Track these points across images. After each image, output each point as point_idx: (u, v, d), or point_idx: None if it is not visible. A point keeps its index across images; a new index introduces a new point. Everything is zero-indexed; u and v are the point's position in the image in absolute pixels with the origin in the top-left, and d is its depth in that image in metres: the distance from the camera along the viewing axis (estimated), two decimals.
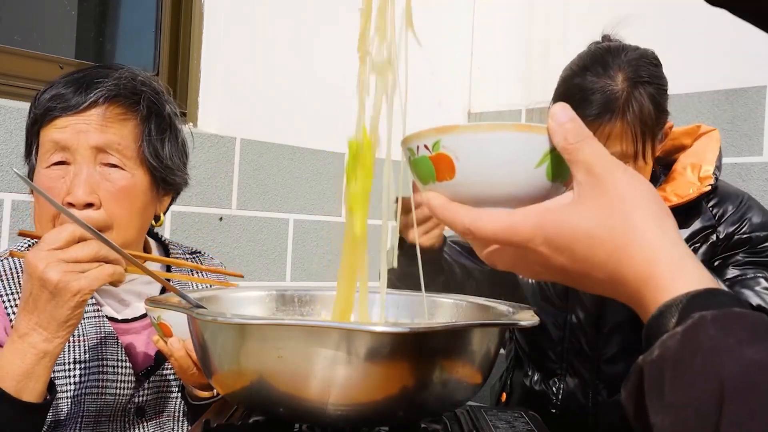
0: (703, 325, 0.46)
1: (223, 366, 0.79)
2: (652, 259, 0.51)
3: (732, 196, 1.38)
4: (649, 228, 0.52)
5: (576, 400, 1.43)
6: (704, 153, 1.40)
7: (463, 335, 0.77)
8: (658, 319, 0.49)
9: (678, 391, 0.45)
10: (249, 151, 2.13)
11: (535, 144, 0.56)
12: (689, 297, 0.49)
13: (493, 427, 0.95)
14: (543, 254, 0.55)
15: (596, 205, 0.53)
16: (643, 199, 0.53)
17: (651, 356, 0.48)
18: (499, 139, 0.56)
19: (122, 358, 1.16)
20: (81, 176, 1.09)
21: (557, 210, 0.55)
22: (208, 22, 2.10)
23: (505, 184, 0.57)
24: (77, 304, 0.93)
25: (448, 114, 2.71)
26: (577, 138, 0.55)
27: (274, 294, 1.03)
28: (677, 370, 0.46)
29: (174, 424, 1.22)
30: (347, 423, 0.77)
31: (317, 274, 2.32)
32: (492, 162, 0.56)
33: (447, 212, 0.58)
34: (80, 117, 1.10)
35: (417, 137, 0.59)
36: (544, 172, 0.57)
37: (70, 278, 0.91)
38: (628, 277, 0.52)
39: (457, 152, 0.57)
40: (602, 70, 1.29)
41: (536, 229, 0.55)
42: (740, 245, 1.34)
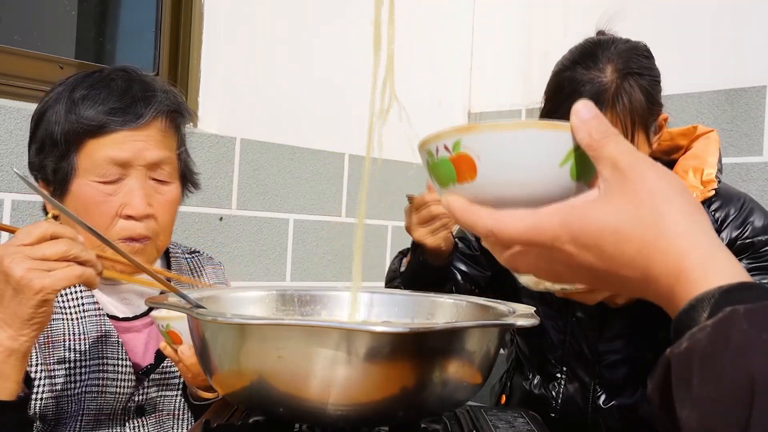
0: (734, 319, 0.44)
1: (223, 366, 0.79)
2: (683, 253, 0.49)
3: (734, 198, 1.37)
4: (679, 221, 0.50)
5: (576, 405, 1.43)
6: (705, 155, 1.39)
7: (463, 335, 0.77)
8: (689, 312, 0.48)
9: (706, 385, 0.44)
10: (249, 151, 2.13)
11: (559, 142, 0.55)
12: (722, 291, 0.47)
13: (493, 427, 0.95)
14: (569, 253, 0.53)
15: (623, 201, 0.52)
16: (673, 193, 0.51)
17: (679, 348, 0.46)
18: (522, 138, 0.54)
19: (123, 357, 1.16)
20: (140, 191, 1.13)
21: (583, 207, 0.53)
22: (208, 22, 2.10)
23: (529, 183, 0.55)
24: (39, 302, 0.91)
25: (448, 114, 2.71)
26: (601, 134, 0.53)
27: (274, 294, 1.03)
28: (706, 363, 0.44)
29: (173, 422, 1.23)
30: (347, 423, 0.77)
31: (317, 274, 2.32)
32: (515, 161, 0.54)
33: (468, 214, 0.56)
34: (139, 133, 1.13)
35: (436, 138, 0.57)
36: (569, 171, 0.55)
37: (33, 275, 0.89)
38: (659, 273, 0.50)
39: (479, 152, 0.55)
40: (592, 63, 1.29)
41: (562, 227, 0.53)
42: (743, 251, 1.34)
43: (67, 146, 1.12)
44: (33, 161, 1.17)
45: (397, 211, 2.55)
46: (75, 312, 1.15)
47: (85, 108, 1.12)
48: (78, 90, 1.14)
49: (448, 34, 2.71)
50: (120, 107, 1.12)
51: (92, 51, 2.08)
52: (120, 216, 1.13)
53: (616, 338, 1.39)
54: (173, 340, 1.09)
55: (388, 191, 2.51)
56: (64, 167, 1.12)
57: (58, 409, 1.11)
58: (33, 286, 0.89)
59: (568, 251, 0.53)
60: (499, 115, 2.69)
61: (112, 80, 1.16)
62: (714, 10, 2.15)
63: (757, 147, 2.06)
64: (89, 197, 1.12)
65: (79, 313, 1.15)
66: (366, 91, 2.74)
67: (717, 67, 2.13)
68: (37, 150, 1.16)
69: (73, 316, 1.15)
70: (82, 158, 1.12)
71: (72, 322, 1.14)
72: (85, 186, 1.12)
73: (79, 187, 1.12)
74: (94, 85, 1.15)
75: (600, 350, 1.40)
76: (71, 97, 1.13)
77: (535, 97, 2.65)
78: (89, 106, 1.12)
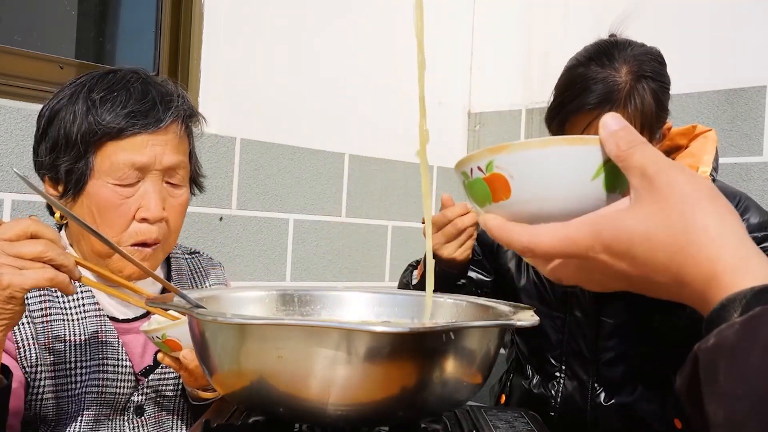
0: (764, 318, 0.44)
1: (223, 366, 0.79)
2: (715, 257, 0.50)
3: (729, 196, 1.38)
4: (710, 225, 0.51)
5: (575, 403, 1.43)
6: (701, 154, 1.39)
7: (463, 335, 0.77)
8: (720, 312, 0.48)
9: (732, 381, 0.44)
10: (249, 151, 2.13)
11: (589, 156, 0.56)
12: (754, 291, 0.47)
13: (493, 427, 0.95)
14: (604, 262, 0.54)
15: (653, 207, 0.52)
16: (703, 197, 0.52)
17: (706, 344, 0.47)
18: (552, 154, 0.55)
19: (122, 357, 1.16)
20: (156, 194, 1.15)
21: (613, 216, 0.54)
22: (208, 22, 2.10)
23: (563, 199, 0.56)
24: (6, 298, 0.90)
25: (448, 114, 2.71)
26: (629, 144, 0.54)
27: (274, 294, 1.03)
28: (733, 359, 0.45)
29: (173, 422, 1.23)
30: (347, 423, 0.77)
31: (317, 274, 2.32)
32: (547, 178, 0.56)
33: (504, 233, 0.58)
34: (158, 137, 1.14)
35: (470, 160, 0.59)
36: (602, 183, 0.56)
37: (3, 271, 0.89)
38: (692, 278, 0.51)
39: (511, 171, 0.56)
40: (608, 61, 1.29)
41: (593, 238, 0.54)
42: None
43: (86, 147, 1.12)
44: (42, 160, 1.16)
45: (397, 211, 2.56)
46: (75, 313, 1.15)
47: (106, 110, 1.12)
48: (96, 91, 1.14)
49: (448, 34, 2.71)
50: (141, 111, 1.13)
51: (92, 51, 2.08)
52: (135, 219, 1.14)
53: (614, 336, 1.40)
54: (172, 348, 1.08)
55: (388, 191, 2.50)
56: (81, 168, 1.12)
57: (58, 410, 1.11)
58: (1, 281, 0.89)
59: (603, 260, 0.54)
60: (499, 115, 2.69)
61: (129, 82, 1.16)
62: (714, 10, 2.15)
63: (757, 147, 2.06)
64: (106, 199, 1.12)
65: (79, 314, 1.15)
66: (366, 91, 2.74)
67: (717, 67, 2.13)
68: (48, 149, 1.15)
69: (74, 316, 1.15)
70: (100, 160, 1.12)
71: (72, 322, 1.14)
72: (102, 187, 1.12)
73: (96, 189, 1.12)
74: (112, 87, 1.15)
75: (598, 349, 1.41)
76: (90, 98, 1.13)
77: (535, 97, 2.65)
78: (109, 108, 1.12)
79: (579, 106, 1.28)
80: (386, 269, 2.51)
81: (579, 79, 1.30)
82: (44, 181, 1.18)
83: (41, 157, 1.17)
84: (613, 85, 1.27)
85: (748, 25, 2.09)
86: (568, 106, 1.30)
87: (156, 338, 1.08)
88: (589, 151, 0.55)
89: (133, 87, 1.15)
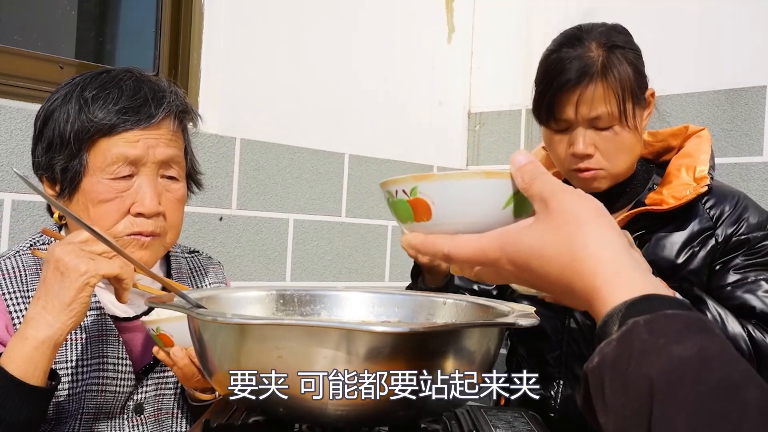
0: (636, 330, 0.50)
1: (223, 366, 0.79)
2: (595, 273, 0.56)
3: (728, 196, 1.38)
4: (590, 243, 0.57)
5: (574, 405, 1.43)
6: (697, 154, 1.40)
7: (463, 335, 0.77)
8: (603, 328, 0.54)
9: (615, 393, 0.50)
10: (249, 151, 2.13)
11: (501, 188, 0.63)
12: (627, 305, 0.53)
13: (493, 427, 0.95)
14: (511, 271, 0.61)
15: (545, 228, 0.59)
16: (587, 217, 0.58)
17: (592, 363, 0.52)
18: (470, 186, 0.63)
19: (123, 356, 1.16)
20: (151, 188, 1.15)
21: (516, 232, 0.61)
22: (208, 22, 2.10)
23: (478, 224, 0.63)
24: (83, 285, 0.98)
25: (448, 114, 2.71)
26: (531, 176, 0.61)
27: (274, 294, 1.03)
28: (614, 374, 0.50)
29: (172, 421, 1.23)
30: (347, 423, 0.77)
31: (317, 274, 2.32)
32: (465, 206, 0.63)
33: (427, 245, 0.65)
34: (151, 132, 1.15)
35: (395, 182, 0.65)
36: (511, 211, 0.63)
37: (81, 260, 0.98)
38: (579, 291, 0.57)
39: (433, 197, 0.63)
40: (577, 42, 1.35)
41: (500, 250, 0.61)
42: (739, 247, 1.34)
43: (79, 145, 1.13)
44: (39, 161, 1.18)
45: None
46: None
47: (97, 107, 1.13)
48: (88, 90, 1.15)
49: (448, 34, 2.71)
50: (132, 107, 1.14)
51: (92, 51, 2.08)
52: (130, 213, 1.15)
53: None
54: (164, 342, 1.09)
55: None
56: (75, 166, 1.13)
57: (58, 408, 1.12)
58: (78, 268, 0.98)
59: (510, 270, 0.61)
60: (499, 115, 2.69)
61: (122, 80, 1.17)
62: (714, 10, 2.15)
63: (757, 147, 2.06)
64: (100, 194, 1.13)
65: None
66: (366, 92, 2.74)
67: (717, 67, 2.13)
68: (44, 149, 1.16)
69: None
70: (93, 156, 1.13)
71: None
72: (97, 184, 1.13)
73: (91, 185, 1.14)
74: (105, 85, 1.16)
75: None
76: (82, 97, 1.14)
77: None
78: (101, 105, 1.13)
79: (559, 86, 1.32)
80: (386, 269, 2.51)
81: (554, 63, 1.35)
82: (42, 181, 1.19)
83: (38, 157, 1.18)
84: (588, 59, 1.32)
85: (748, 25, 2.09)
86: (549, 91, 1.34)
87: (152, 330, 1.10)
88: (501, 185, 0.63)
89: (125, 84, 1.16)
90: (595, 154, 1.34)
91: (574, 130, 1.34)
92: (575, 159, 1.35)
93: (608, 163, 1.35)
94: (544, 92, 1.35)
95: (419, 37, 2.60)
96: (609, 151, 1.34)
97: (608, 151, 1.34)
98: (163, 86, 1.20)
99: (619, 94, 1.31)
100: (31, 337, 0.98)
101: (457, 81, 2.75)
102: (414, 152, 2.57)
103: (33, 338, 0.98)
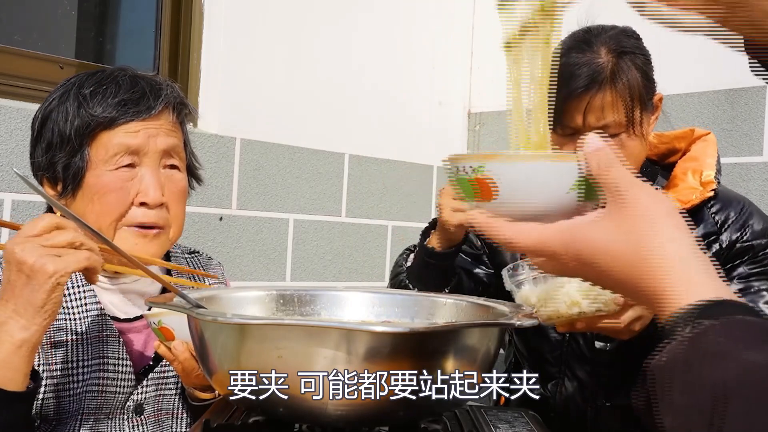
0: (709, 333, 0.49)
1: (223, 366, 0.79)
2: (665, 274, 0.55)
3: (734, 201, 1.38)
4: (662, 243, 0.56)
5: (574, 404, 1.43)
6: (703, 158, 1.39)
7: (463, 335, 0.77)
8: (670, 328, 0.53)
9: (684, 394, 0.49)
10: (249, 151, 2.13)
11: (570, 172, 0.62)
12: (700, 307, 0.52)
13: (493, 427, 0.95)
14: (573, 267, 0.60)
15: (615, 223, 0.58)
16: (660, 216, 0.57)
17: (660, 362, 0.51)
18: (538, 168, 0.63)
19: (123, 357, 1.17)
20: (153, 178, 1.16)
21: (582, 227, 0.60)
22: (208, 22, 2.10)
23: (541, 206, 0.63)
24: (53, 286, 0.94)
25: (448, 114, 2.71)
26: (608, 163, 0.60)
27: (274, 294, 1.03)
28: (684, 374, 0.49)
29: (172, 421, 1.23)
30: (347, 423, 0.77)
31: (317, 274, 2.32)
32: (530, 188, 0.63)
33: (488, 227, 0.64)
34: (151, 122, 1.16)
35: (463, 159, 0.65)
36: (576, 195, 0.63)
37: (46, 260, 0.93)
38: (646, 291, 0.56)
39: (500, 177, 0.63)
40: (586, 47, 1.33)
41: (564, 245, 0.60)
42: (742, 254, 1.34)
43: (80, 140, 1.14)
44: (39, 162, 1.18)
45: (397, 211, 2.56)
46: (78, 312, 1.15)
47: (97, 102, 1.14)
48: (85, 87, 1.16)
49: (448, 34, 2.71)
50: (131, 99, 1.15)
51: (92, 51, 2.08)
52: (134, 204, 1.15)
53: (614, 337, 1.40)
54: (165, 336, 1.09)
55: (388, 191, 2.50)
56: (77, 162, 1.14)
57: (59, 409, 1.12)
58: (46, 270, 0.93)
59: (573, 265, 0.60)
60: (499, 115, 2.69)
61: (117, 77, 1.18)
62: None
63: (757, 147, 2.06)
64: (104, 185, 1.14)
65: (81, 313, 1.16)
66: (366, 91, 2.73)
67: (717, 67, 2.13)
68: (44, 149, 1.17)
69: (76, 316, 1.15)
70: (95, 150, 1.14)
71: (75, 321, 1.15)
72: (100, 176, 1.14)
73: (95, 178, 1.14)
74: (101, 81, 1.17)
75: (598, 349, 1.40)
76: (80, 94, 1.15)
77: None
78: (100, 100, 1.14)
79: (568, 93, 1.31)
80: (386, 269, 2.51)
81: (563, 68, 1.32)
82: (42, 182, 1.19)
83: (38, 158, 1.18)
84: (597, 66, 1.30)
85: None
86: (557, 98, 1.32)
87: (153, 324, 1.09)
88: (569, 167, 0.62)
89: (122, 80, 1.18)
90: None
91: (581, 135, 1.33)
92: None
93: None
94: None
95: (419, 37, 2.60)
96: None
97: None
98: (159, 80, 1.22)
99: (628, 102, 1.30)
100: (6, 341, 0.94)
101: (457, 81, 2.75)
102: (414, 152, 2.57)
103: (9, 342, 0.94)
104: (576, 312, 1.10)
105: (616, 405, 1.40)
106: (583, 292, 1.09)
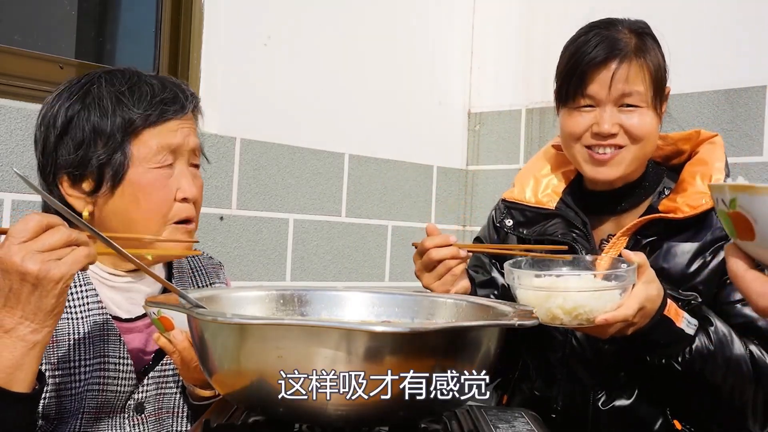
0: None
1: (223, 366, 0.79)
2: None
3: None
4: None
5: (576, 406, 1.43)
6: (712, 161, 1.38)
7: (463, 335, 0.77)
8: None
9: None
10: (249, 151, 2.13)
11: None
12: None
13: (493, 427, 0.95)
14: None
15: None
16: None
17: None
18: None
19: (124, 356, 1.17)
20: (189, 174, 1.21)
21: None
22: (208, 22, 2.10)
23: None
24: (61, 291, 0.93)
25: (448, 114, 2.71)
26: None
27: (274, 294, 1.03)
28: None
29: (172, 420, 1.24)
30: (347, 423, 0.77)
31: (317, 274, 2.32)
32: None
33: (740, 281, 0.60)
34: (185, 121, 1.21)
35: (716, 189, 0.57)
36: None
37: (50, 267, 0.91)
38: None
39: (755, 214, 0.53)
40: (610, 25, 1.36)
41: None
42: None
43: (122, 137, 1.15)
44: (65, 159, 1.15)
45: (397, 211, 2.55)
46: (79, 312, 1.15)
47: (137, 100, 1.16)
48: (116, 86, 1.17)
49: (448, 34, 2.71)
50: (169, 98, 1.18)
51: (92, 51, 2.08)
52: (176, 199, 1.19)
53: (616, 338, 1.39)
54: (165, 326, 1.08)
55: (388, 191, 2.50)
56: (118, 159, 1.15)
57: (60, 408, 1.12)
58: (53, 277, 0.91)
59: None
60: (499, 115, 2.69)
61: (141, 77, 1.20)
62: (714, 10, 2.15)
63: (758, 147, 2.06)
64: (151, 183, 1.16)
65: (83, 312, 1.16)
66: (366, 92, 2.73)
67: (717, 67, 2.13)
68: (74, 147, 1.15)
69: (78, 315, 1.15)
70: (136, 148, 1.16)
71: (76, 321, 1.15)
72: (145, 173, 1.16)
73: (138, 176, 1.16)
74: (129, 80, 1.19)
75: (600, 351, 1.40)
76: (114, 92, 1.16)
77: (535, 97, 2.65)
78: (139, 98, 1.16)
79: (592, 61, 1.32)
80: (386, 269, 2.51)
81: (582, 44, 1.34)
82: (60, 181, 1.17)
83: (63, 157, 1.16)
84: (622, 39, 1.33)
85: (747, 25, 2.09)
86: (580, 66, 1.33)
87: (153, 314, 1.08)
88: None
89: (148, 79, 1.20)
90: (619, 133, 1.33)
91: (600, 107, 1.33)
92: (596, 137, 1.34)
93: (630, 143, 1.34)
94: (575, 67, 1.34)
95: (419, 38, 2.60)
96: (632, 130, 1.32)
97: (631, 131, 1.33)
98: (179, 81, 1.25)
99: (652, 74, 1.33)
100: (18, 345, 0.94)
101: (457, 81, 2.75)
102: (414, 152, 2.57)
103: (21, 346, 0.94)
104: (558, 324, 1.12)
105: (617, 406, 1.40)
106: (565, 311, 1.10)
